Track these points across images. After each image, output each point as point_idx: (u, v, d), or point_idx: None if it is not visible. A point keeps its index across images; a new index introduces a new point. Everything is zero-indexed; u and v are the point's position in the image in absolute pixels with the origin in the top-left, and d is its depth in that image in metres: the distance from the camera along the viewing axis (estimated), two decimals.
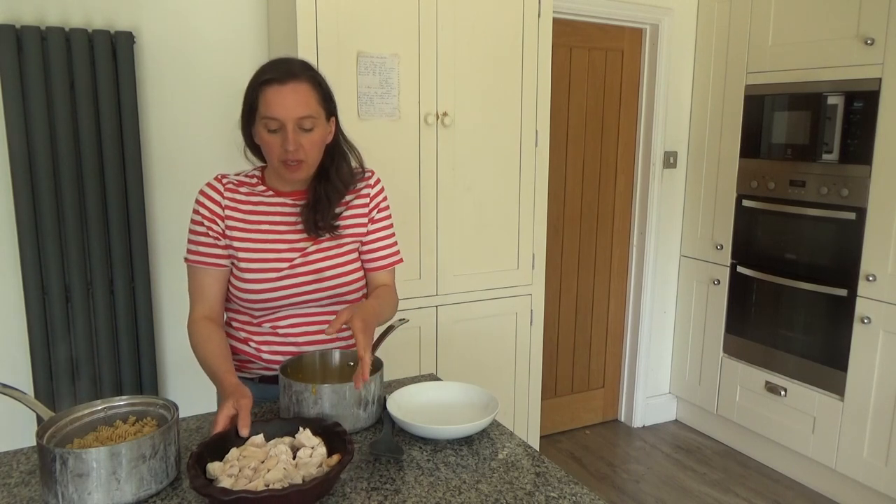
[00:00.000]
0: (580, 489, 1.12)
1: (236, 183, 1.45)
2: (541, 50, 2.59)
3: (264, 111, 1.32)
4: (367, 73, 2.27)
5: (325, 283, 1.44)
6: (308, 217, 1.42)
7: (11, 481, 1.13)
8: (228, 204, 1.43)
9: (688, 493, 2.95)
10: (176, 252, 2.45)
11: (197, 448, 1.09)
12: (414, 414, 1.35)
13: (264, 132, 1.34)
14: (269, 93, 1.32)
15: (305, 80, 1.34)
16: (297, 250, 1.43)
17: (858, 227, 2.66)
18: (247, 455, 1.10)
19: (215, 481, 1.05)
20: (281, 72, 1.33)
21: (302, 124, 1.33)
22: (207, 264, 1.43)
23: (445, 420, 1.35)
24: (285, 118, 1.31)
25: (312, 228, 1.42)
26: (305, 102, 1.33)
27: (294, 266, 1.42)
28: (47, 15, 2.18)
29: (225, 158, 2.47)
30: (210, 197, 1.42)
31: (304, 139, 1.34)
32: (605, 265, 3.47)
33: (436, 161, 2.45)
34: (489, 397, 1.40)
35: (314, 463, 1.10)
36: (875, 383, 2.64)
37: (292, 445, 1.15)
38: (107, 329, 2.31)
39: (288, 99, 1.31)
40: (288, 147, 1.32)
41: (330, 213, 1.43)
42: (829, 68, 2.72)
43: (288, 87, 1.31)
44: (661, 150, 3.34)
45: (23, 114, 2.11)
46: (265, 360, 1.48)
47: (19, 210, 2.15)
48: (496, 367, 2.72)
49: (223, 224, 1.42)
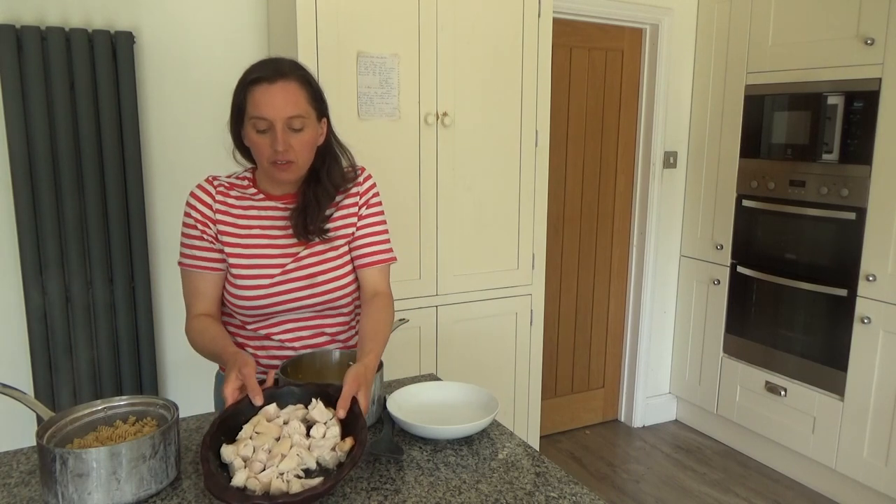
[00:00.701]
0: (580, 489, 1.12)
1: (227, 185, 1.42)
2: (541, 50, 2.59)
3: (252, 111, 1.29)
4: (367, 73, 2.27)
5: (318, 289, 1.41)
6: (298, 221, 1.39)
7: (11, 481, 1.13)
8: (220, 208, 1.40)
9: (688, 493, 2.96)
10: (176, 252, 2.44)
11: (209, 430, 1.08)
12: (414, 414, 1.35)
13: (253, 133, 1.31)
14: (258, 92, 1.29)
15: (295, 79, 1.31)
16: (289, 255, 1.40)
17: (858, 227, 2.66)
18: (260, 431, 1.10)
19: (230, 467, 1.05)
20: (269, 70, 1.30)
21: (291, 124, 1.30)
22: (203, 268, 1.41)
23: (446, 420, 1.35)
24: (274, 118, 1.28)
25: (303, 233, 1.39)
26: (294, 102, 1.30)
27: (287, 272, 1.39)
28: (47, 15, 2.18)
29: (224, 158, 2.47)
30: (201, 200, 1.40)
31: (293, 139, 1.31)
32: (605, 265, 3.47)
33: (436, 161, 2.45)
34: (489, 397, 1.40)
35: (327, 445, 1.09)
36: (875, 383, 2.64)
37: (305, 420, 1.14)
38: (107, 329, 2.31)
39: (277, 98, 1.28)
40: (277, 147, 1.29)
41: (319, 216, 1.40)
42: (829, 68, 2.72)
43: (277, 86, 1.29)
44: (661, 150, 3.34)
45: (23, 114, 2.11)
46: (262, 366, 1.44)
47: (19, 210, 2.15)
48: (496, 367, 2.72)
49: (215, 228, 1.39)
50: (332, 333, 1.48)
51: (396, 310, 1.56)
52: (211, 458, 1.04)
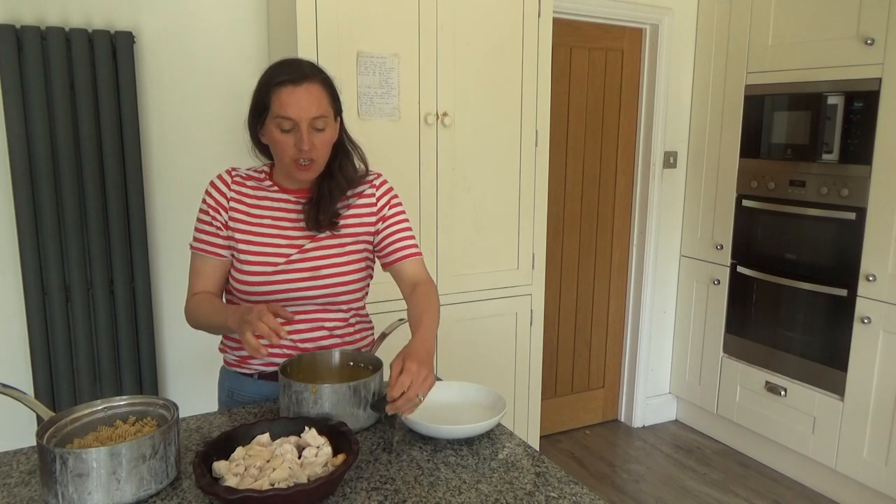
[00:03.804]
0: (580, 489, 1.12)
1: (244, 176, 1.49)
2: (541, 50, 2.59)
3: (278, 111, 1.35)
4: (367, 73, 2.27)
5: (320, 282, 1.45)
6: (309, 212, 1.45)
7: (11, 481, 1.13)
8: (234, 196, 1.46)
9: (688, 493, 2.96)
10: (176, 252, 2.45)
11: (203, 447, 1.09)
12: (420, 413, 1.34)
13: (276, 132, 1.37)
14: (284, 93, 1.35)
15: (318, 81, 1.38)
16: (295, 247, 1.45)
17: (858, 227, 2.66)
18: (252, 454, 1.10)
19: (221, 480, 1.05)
20: (294, 73, 1.36)
21: (315, 124, 1.36)
22: (208, 252, 1.47)
23: (450, 419, 1.35)
24: (299, 118, 1.35)
25: (313, 223, 1.44)
26: (318, 103, 1.36)
27: (291, 262, 1.44)
28: (47, 15, 2.18)
29: (224, 158, 2.47)
30: (217, 188, 1.47)
31: (316, 139, 1.37)
32: (605, 265, 3.47)
33: (436, 161, 2.45)
34: (496, 397, 1.39)
35: (319, 462, 1.10)
36: (875, 383, 2.64)
37: (298, 445, 1.15)
38: (107, 329, 2.31)
39: (302, 100, 1.35)
40: (303, 147, 1.35)
41: (331, 208, 1.45)
42: (829, 68, 2.72)
43: (301, 88, 1.35)
44: (661, 150, 3.34)
45: (23, 114, 2.11)
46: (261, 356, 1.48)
47: (19, 210, 2.15)
48: (496, 366, 2.72)
49: (227, 215, 1.45)
50: (330, 328, 1.50)
51: (396, 310, 1.56)
52: (204, 471, 1.04)
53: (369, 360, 1.41)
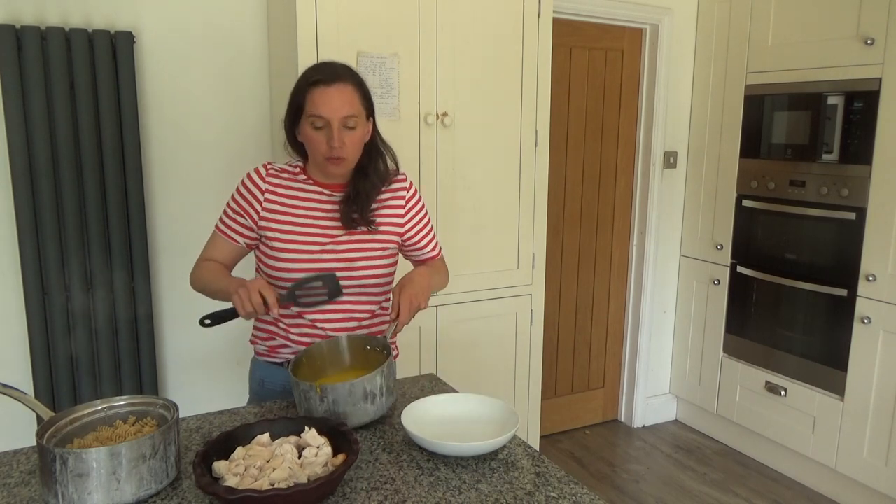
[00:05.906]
0: (580, 489, 1.13)
1: (278, 169, 1.56)
2: (541, 50, 2.59)
3: (311, 109, 1.43)
4: (367, 73, 2.27)
5: (355, 273, 1.51)
6: (345, 210, 1.51)
7: (11, 481, 1.13)
8: (268, 188, 1.52)
9: (688, 493, 2.96)
10: (176, 251, 2.45)
11: (203, 447, 1.09)
12: (430, 428, 1.29)
13: (310, 129, 1.45)
14: (317, 93, 1.43)
15: (350, 82, 1.46)
16: (329, 237, 1.52)
17: (858, 227, 2.66)
18: (252, 454, 1.11)
19: (221, 480, 1.05)
20: (327, 74, 1.44)
21: (346, 123, 1.44)
22: (225, 234, 1.56)
23: (460, 434, 1.29)
24: (331, 116, 1.42)
25: (348, 221, 1.51)
26: (350, 102, 1.44)
27: (325, 251, 1.50)
28: (47, 15, 2.17)
29: (224, 158, 2.48)
30: (253, 180, 1.53)
31: (346, 137, 1.44)
32: (605, 265, 3.47)
33: (436, 161, 2.45)
34: (508, 412, 1.33)
35: (319, 462, 1.10)
36: (875, 383, 2.64)
37: (298, 445, 1.16)
38: (107, 329, 2.31)
39: (334, 99, 1.42)
40: (333, 144, 1.43)
41: (367, 207, 1.53)
42: (829, 68, 2.72)
43: (333, 88, 1.43)
44: (661, 150, 3.34)
45: (23, 114, 2.11)
46: (294, 342, 1.55)
47: (19, 210, 2.15)
48: (496, 367, 2.72)
49: (260, 206, 1.52)
50: (359, 318, 1.57)
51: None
52: (203, 471, 1.04)
53: (383, 346, 1.44)
